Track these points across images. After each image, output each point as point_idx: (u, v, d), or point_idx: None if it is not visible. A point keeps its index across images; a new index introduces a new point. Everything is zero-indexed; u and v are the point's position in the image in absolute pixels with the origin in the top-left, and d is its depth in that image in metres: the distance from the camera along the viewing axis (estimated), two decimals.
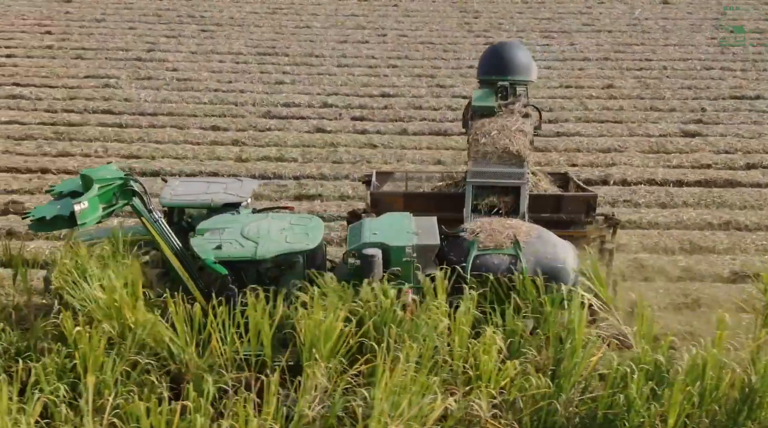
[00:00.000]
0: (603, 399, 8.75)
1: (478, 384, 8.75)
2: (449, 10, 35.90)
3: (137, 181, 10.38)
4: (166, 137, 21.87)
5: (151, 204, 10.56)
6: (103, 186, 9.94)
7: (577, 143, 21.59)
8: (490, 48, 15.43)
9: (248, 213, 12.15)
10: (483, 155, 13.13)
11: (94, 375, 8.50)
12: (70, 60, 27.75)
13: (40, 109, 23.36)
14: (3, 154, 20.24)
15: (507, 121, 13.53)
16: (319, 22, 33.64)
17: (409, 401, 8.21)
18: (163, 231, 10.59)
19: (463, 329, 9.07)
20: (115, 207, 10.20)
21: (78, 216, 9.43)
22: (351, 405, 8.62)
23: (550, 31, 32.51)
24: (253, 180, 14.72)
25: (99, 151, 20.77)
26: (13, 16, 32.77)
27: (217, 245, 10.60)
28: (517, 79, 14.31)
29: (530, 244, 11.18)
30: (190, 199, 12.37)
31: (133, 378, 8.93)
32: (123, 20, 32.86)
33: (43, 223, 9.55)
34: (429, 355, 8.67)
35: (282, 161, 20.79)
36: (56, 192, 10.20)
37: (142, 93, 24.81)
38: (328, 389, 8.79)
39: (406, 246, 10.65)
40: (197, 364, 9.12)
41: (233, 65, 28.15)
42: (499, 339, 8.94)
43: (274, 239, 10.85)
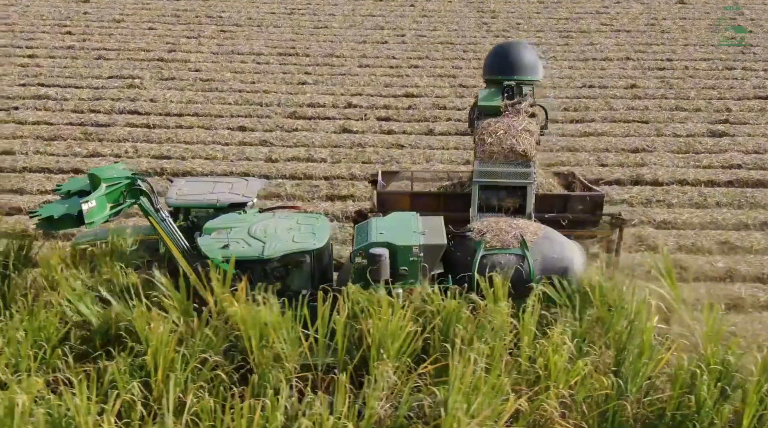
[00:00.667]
0: (672, 399, 8.78)
1: (546, 383, 8.78)
2: (465, 10, 35.92)
3: (145, 181, 10.40)
4: (194, 138, 21.90)
5: (159, 203, 10.57)
6: (110, 185, 9.97)
7: (605, 143, 21.61)
8: (496, 47, 15.43)
9: (255, 212, 12.17)
10: (489, 155, 13.14)
11: (167, 373, 8.53)
12: (93, 60, 27.78)
13: (67, 110, 23.38)
14: (34, 155, 20.26)
15: (513, 121, 13.51)
16: (337, 23, 33.67)
17: (481, 401, 8.24)
18: (171, 230, 10.62)
19: (531, 329, 9.11)
20: (122, 206, 10.24)
21: (86, 216, 9.48)
22: (420, 405, 8.66)
23: (569, 30, 32.53)
24: (259, 180, 14.68)
25: (129, 152, 20.82)
26: (32, 17, 32.81)
27: (225, 244, 10.63)
28: (523, 79, 14.27)
29: (537, 244, 11.22)
30: (196, 198, 12.39)
31: (204, 376, 8.96)
32: (142, 21, 32.89)
33: (51, 222, 9.59)
34: (499, 356, 8.70)
35: (311, 161, 20.83)
36: (64, 191, 10.22)
37: (167, 93, 24.84)
38: (395, 389, 8.83)
39: (413, 245, 10.70)
40: (266, 362, 9.14)
41: (255, 65, 28.18)
42: (567, 339, 8.97)
43: (282, 238, 10.87)
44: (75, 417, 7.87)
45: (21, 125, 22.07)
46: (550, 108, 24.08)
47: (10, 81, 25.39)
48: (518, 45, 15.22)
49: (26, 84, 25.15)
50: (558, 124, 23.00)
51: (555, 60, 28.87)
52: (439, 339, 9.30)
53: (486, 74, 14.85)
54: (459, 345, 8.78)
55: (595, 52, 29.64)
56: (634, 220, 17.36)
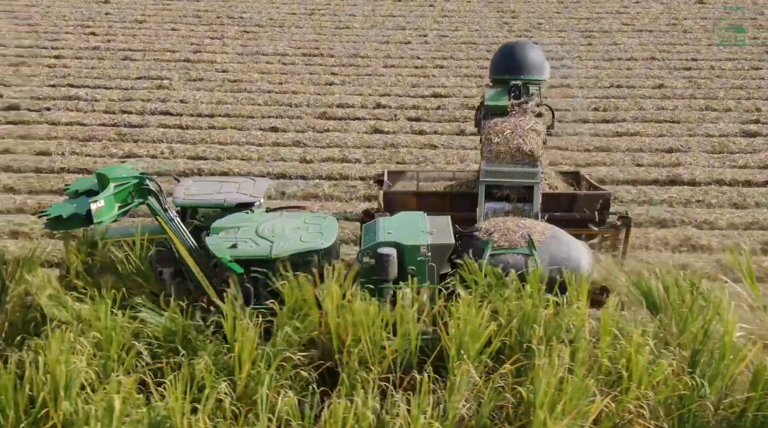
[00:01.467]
0: (753, 400, 8.81)
1: (628, 384, 8.81)
2: (485, 10, 35.95)
3: (153, 180, 10.44)
4: (228, 138, 21.93)
5: (167, 203, 10.62)
6: (119, 184, 10.01)
7: (639, 143, 21.64)
8: (503, 47, 15.46)
9: (262, 212, 12.20)
10: (496, 155, 13.20)
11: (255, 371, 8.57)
12: (119, 61, 27.81)
13: (99, 110, 23.41)
14: (71, 155, 20.30)
15: (520, 121, 13.56)
16: (358, 23, 33.71)
17: (567, 402, 8.27)
18: (179, 230, 10.65)
19: (611, 329, 9.14)
20: (130, 205, 10.28)
21: (94, 215, 9.54)
22: (501, 405, 8.70)
23: (591, 30, 32.56)
24: (266, 179, 14.66)
25: (165, 152, 20.85)
26: (55, 17, 32.85)
27: (233, 244, 10.67)
28: (529, 79, 14.33)
29: (544, 244, 11.24)
30: (204, 198, 12.44)
31: (286, 374, 8.99)
32: (164, 21, 32.93)
33: (60, 222, 9.64)
34: (583, 356, 8.73)
35: (346, 162, 20.86)
36: (72, 190, 10.26)
37: (196, 94, 24.87)
38: (474, 388, 8.86)
39: (420, 245, 10.73)
40: (347, 361, 9.18)
41: (281, 66, 28.21)
42: (649, 339, 9.01)
43: (289, 238, 10.92)
44: (171, 417, 7.90)
45: (55, 126, 22.11)
46: (580, 107, 24.36)
47: (39, 82, 25.43)
48: (525, 45, 15.20)
49: (56, 85, 25.18)
50: (589, 124, 23.10)
51: (580, 60, 28.93)
52: (516, 340, 9.33)
53: (492, 74, 14.91)
54: (539, 346, 8.80)
55: (619, 52, 29.66)
56: (673, 220, 17.43)
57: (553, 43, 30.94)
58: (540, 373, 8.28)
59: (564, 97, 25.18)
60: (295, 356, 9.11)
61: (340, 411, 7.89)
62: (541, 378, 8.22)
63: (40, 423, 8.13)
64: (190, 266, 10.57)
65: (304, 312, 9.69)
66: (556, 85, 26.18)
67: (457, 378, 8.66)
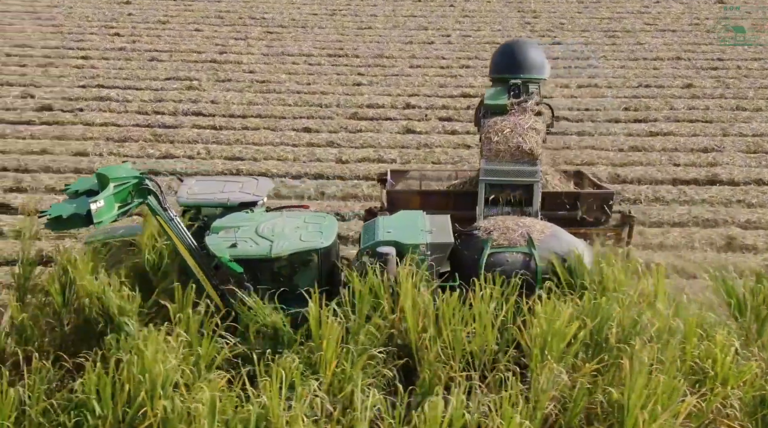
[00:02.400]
0: None
1: (713, 384, 8.84)
2: (506, 10, 35.99)
3: (152, 180, 10.42)
4: (262, 139, 21.94)
5: (167, 202, 10.59)
6: (118, 184, 9.96)
7: (673, 143, 21.66)
8: (503, 46, 15.41)
9: (262, 211, 12.18)
10: (495, 153, 13.13)
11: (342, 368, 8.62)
12: (146, 62, 27.83)
13: (131, 111, 23.42)
14: (109, 156, 20.33)
15: (519, 119, 13.49)
16: (380, 23, 33.74)
17: (657, 401, 8.30)
18: (179, 229, 10.63)
19: (696, 330, 9.17)
20: (130, 205, 10.20)
21: (94, 215, 9.46)
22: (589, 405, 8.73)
23: (614, 30, 32.60)
24: (269, 179, 14.60)
25: (202, 153, 20.87)
26: (78, 18, 32.89)
27: (233, 243, 10.67)
28: (529, 77, 14.24)
29: (544, 242, 11.23)
30: (207, 197, 12.44)
31: (370, 372, 9.03)
32: (187, 22, 32.96)
33: (60, 222, 9.57)
34: (673, 356, 8.75)
35: (382, 162, 20.86)
36: (72, 190, 10.17)
37: (227, 95, 24.89)
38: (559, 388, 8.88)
39: (420, 244, 10.77)
40: (429, 359, 9.21)
41: (307, 67, 28.22)
42: (734, 340, 9.04)
43: (289, 237, 10.90)
44: (269, 416, 7.92)
45: (90, 127, 22.12)
46: (610, 107, 24.37)
47: (69, 82, 25.44)
48: (525, 44, 15.19)
49: (86, 86, 25.19)
50: (622, 124, 23.11)
51: (605, 59, 28.94)
52: (594, 340, 9.36)
53: (492, 73, 14.85)
54: (623, 344, 8.83)
55: (644, 52, 29.69)
56: (716, 220, 17.46)
57: (577, 42, 30.98)
58: (632, 373, 8.30)
59: (594, 96, 25.23)
60: (380, 354, 9.12)
61: (437, 410, 7.90)
62: (634, 377, 8.24)
63: (136, 422, 8.14)
64: (191, 266, 10.57)
65: (381, 309, 9.69)
66: (584, 85, 26.27)
67: (541, 377, 8.67)
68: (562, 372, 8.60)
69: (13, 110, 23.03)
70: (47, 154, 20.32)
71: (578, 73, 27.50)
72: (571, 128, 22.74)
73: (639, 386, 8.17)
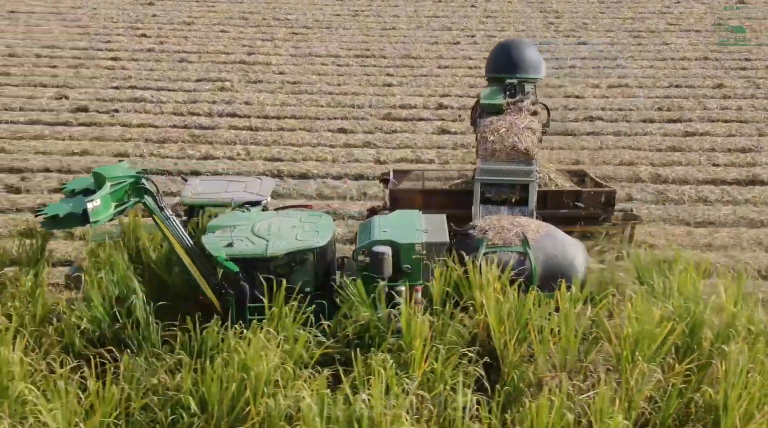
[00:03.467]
0: None
1: None
2: (528, 10, 36.04)
3: (149, 180, 10.52)
4: (299, 140, 21.99)
5: (163, 202, 10.66)
6: (115, 184, 10.03)
7: (710, 143, 21.70)
8: (499, 46, 15.46)
9: (259, 211, 12.23)
10: (491, 153, 13.23)
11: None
12: (176, 63, 27.88)
13: (167, 112, 23.47)
14: (151, 157, 20.38)
15: (515, 119, 13.59)
16: (403, 24, 33.79)
17: (750, 401, 8.35)
18: (175, 228, 10.67)
19: None
20: (127, 205, 10.29)
21: (90, 214, 9.53)
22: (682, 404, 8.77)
23: (638, 30, 32.64)
24: (273, 178, 14.65)
25: (242, 154, 20.93)
26: (103, 19, 32.94)
27: (229, 242, 10.72)
28: (525, 77, 14.30)
29: (539, 242, 11.31)
30: (211, 197, 12.51)
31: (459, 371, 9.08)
32: (212, 23, 33.02)
33: (56, 221, 9.67)
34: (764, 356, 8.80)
35: (421, 163, 20.90)
36: (68, 190, 10.30)
37: (260, 96, 24.95)
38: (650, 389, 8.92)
39: (415, 243, 10.82)
40: (512, 358, 9.26)
41: (336, 68, 28.28)
42: None
43: (285, 236, 10.96)
44: (373, 415, 7.98)
45: (127, 128, 22.19)
46: (643, 107, 24.40)
47: (102, 84, 25.50)
48: (521, 43, 15.22)
49: (119, 87, 25.26)
50: (657, 124, 23.14)
51: (633, 59, 28.98)
52: (685, 341, 9.40)
53: (488, 72, 14.93)
54: (717, 346, 8.88)
55: (671, 52, 29.73)
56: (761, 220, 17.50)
57: (603, 42, 31.02)
58: (728, 374, 8.34)
59: (625, 96, 25.27)
60: (469, 353, 9.18)
61: (543, 411, 7.94)
62: (730, 378, 8.28)
63: (237, 422, 8.20)
64: (187, 265, 10.64)
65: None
66: (614, 85, 26.32)
67: (632, 377, 8.72)
68: (656, 371, 8.64)
69: (50, 111, 23.07)
70: (88, 154, 20.39)
71: (608, 73, 27.55)
72: (606, 128, 22.80)
73: (740, 387, 8.21)
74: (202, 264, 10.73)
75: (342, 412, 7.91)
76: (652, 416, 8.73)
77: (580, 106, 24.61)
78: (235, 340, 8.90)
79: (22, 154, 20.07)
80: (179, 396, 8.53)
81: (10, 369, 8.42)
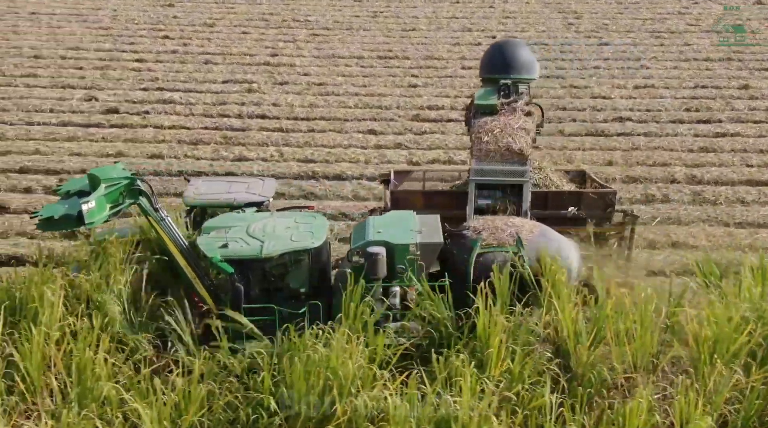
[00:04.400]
0: None
1: None
2: (546, 11, 36.07)
3: (144, 181, 10.55)
4: (330, 141, 22.04)
5: (158, 203, 10.68)
6: (110, 185, 10.05)
7: (742, 144, 21.74)
8: (493, 46, 15.47)
9: (253, 211, 12.25)
10: (485, 153, 13.18)
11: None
12: (201, 65, 27.92)
13: (197, 114, 23.52)
14: (186, 158, 20.42)
15: (509, 120, 13.56)
16: (423, 25, 33.82)
17: None
18: (170, 230, 10.70)
19: None
20: (121, 206, 10.32)
21: (86, 216, 9.57)
22: None
23: (659, 31, 32.67)
24: (275, 179, 14.74)
25: (275, 156, 20.97)
26: (124, 20, 32.98)
27: (223, 243, 10.72)
28: (519, 78, 14.29)
29: (533, 242, 11.30)
30: (213, 198, 12.54)
31: (529, 371, 9.11)
32: (233, 25, 33.06)
33: (51, 223, 9.71)
34: None
35: (453, 163, 20.92)
36: (63, 191, 10.32)
37: (288, 98, 24.99)
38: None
39: (409, 244, 10.85)
40: (587, 359, 9.29)
41: (360, 69, 28.33)
42: None
43: (280, 237, 10.96)
44: (458, 414, 8.01)
45: (160, 129, 22.23)
46: (671, 108, 24.43)
47: (129, 85, 25.55)
48: (514, 44, 15.22)
49: (147, 88, 25.30)
50: (687, 124, 23.18)
51: (656, 60, 29.02)
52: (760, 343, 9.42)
53: (482, 73, 14.92)
54: None
55: (693, 53, 29.77)
56: None
57: (625, 43, 31.07)
58: None
59: (652, 97, 25.31)
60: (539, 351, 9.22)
61: (635, 413, 7.97)
62: None
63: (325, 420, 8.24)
64: (182, 266, 10.66)
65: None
66: (640, 86, 26.36)
67: (711, 379, 8.75)
68: (737, 372, 8.67)
69: (80, 113, 23.12)
70: (123, 156, 20.41)
71: (632, 73, 27.60)
72: (637, 129, 22.84)
73: None
74: (197, 265, 10.79)
75: (429, 413, 7.94)
76: (733, 417, 8.76)
77: (608, 106, 24.64)
78: (313, 341, 8.92)
79: (57, 156, 20.12)
80: (261, 396, 8.57)
81: (95, 369, 8.46)
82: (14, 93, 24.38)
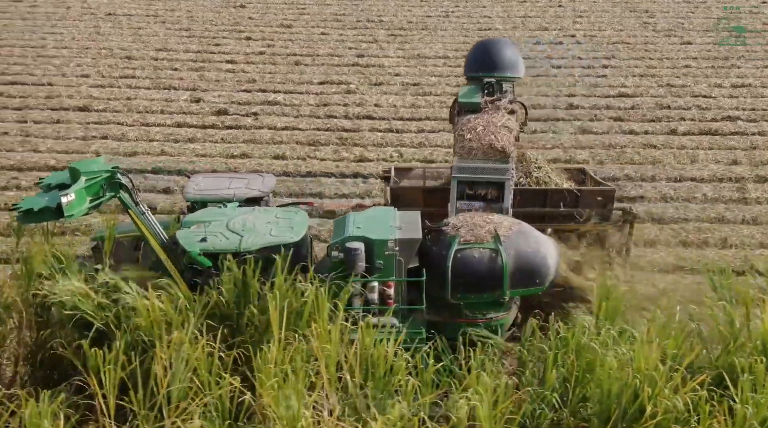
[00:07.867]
0: None
1: None
2: (617, 10, 35.96)
3: (125, 175, 10.56)
4: (444, 142, 21.91)
5: (138, 197, 10.72)
6: (90, 178, 10.09)
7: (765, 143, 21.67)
8: (477, 45, 15.40)
9: (235, 206, 12.25)
10: (468, 151, 13.10)
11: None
12: (293, 66, 27.84)
13: (304, 115, 23.44)
14: (312, 160, 20.33)
15: (492, 118, 13.51)
16: (498, 24, 33.72)
17: None
18: (151, 224, 10.74)
19: None
20: (102, 199, 10.36)
21: (65, 208, 9.59)
22: None
23: None
24: (274, 175, 14.67)
25: (394, 156, 20.89)
26: (202, 21, 32.92)
27: (202, 237, 10.77)
28: (503, 76, 14.23)
29: (511, 239, 11.37)
30: (213, 193, 12.56)
31: None
32: (309, 25, 32.98)
33: (31, 215, 9.74)
34: None
35: (576, 162, 20.80)
36: (45, 184, 10.38)
37: (388, 98, 24.90)
38: None
39: (388, 239, 10.88)
40: None
41: (449, 69, 28.19)
42: None
43: (259, 232, 10.99)
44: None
45: (275, 131, 22.14)
46: None
47: (230, 86, 25.47)
48: (499, 42, 15.07)
49: (248, 90, 25.22)
50: None
51: (744, 59, 28.89)
52: None
53: (467, 71, 14.86)
54: None
55: None
56: None
57: (709, 42, 30.95)
58: None
59: (753, 96, 25.20)
60: None
61: None
62: None
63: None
64: (162, 260, 10.68)
65: None
66: (737, 85, 26.24)
67: None
68: None
69: (192, 114, 23.06)
70: (248, 157, 20.37)
71: (726, 72, 27.48)
72: (749, 128, 22.72)
73: None
74: (177, 259, 10.81)
75: None
76: None
77: (712, 105, 24.52)
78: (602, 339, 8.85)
79: (186, 157, 20.04)
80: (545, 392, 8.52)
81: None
82: (121, 94, 24.32)
